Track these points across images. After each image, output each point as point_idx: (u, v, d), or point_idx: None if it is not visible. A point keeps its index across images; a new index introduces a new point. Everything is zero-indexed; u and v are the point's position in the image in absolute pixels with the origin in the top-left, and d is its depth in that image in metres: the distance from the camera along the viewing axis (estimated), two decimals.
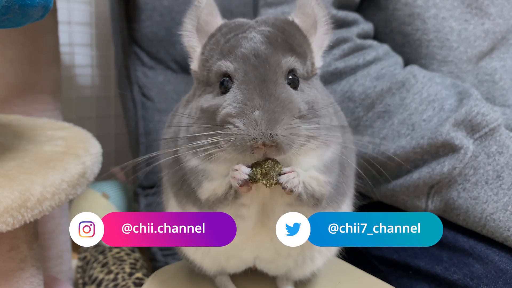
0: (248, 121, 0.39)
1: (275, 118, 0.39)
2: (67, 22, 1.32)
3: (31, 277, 0.66)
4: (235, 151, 0.40)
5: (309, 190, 0.44)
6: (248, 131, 0.39)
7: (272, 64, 0.42)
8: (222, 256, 0.56)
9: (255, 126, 0.39)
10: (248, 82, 0.41)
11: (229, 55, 0.43)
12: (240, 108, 0.40)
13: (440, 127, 0.67)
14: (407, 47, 0.81)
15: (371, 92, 0.74)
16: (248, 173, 0.41)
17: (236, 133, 0.40)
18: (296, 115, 0.41)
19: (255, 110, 0.39)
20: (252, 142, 0.39)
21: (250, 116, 0.39)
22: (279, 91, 0.41)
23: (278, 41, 0.44)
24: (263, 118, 0.39)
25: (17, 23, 0.54)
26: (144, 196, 1.13)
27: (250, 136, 0.39)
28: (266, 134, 0.39)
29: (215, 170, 0.45)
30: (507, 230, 0.63)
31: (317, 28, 0.49)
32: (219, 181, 0.45)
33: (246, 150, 0.40)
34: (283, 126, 0.40)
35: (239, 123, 0.40)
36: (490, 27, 0.79)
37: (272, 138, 0.39)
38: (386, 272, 0.77)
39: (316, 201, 0.45)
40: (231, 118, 0.40)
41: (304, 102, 0.43)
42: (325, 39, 0.50)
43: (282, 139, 0.39)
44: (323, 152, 0.45)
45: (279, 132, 0.39)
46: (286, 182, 0.41)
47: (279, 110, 0.40)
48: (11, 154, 0.65)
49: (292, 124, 0.40)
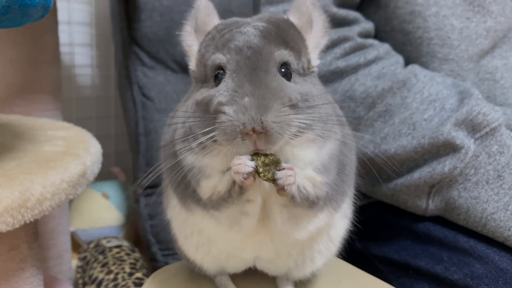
0: (237, 107, 0.39)
1: (264, 104, 0.39)
2: (67, 22, 1.32)
3: (31, 277, 0.66)
4: (226, 140, 0.40)
5: (303, 193, 0.44)
6: (238, 117, 0.39)
7: (264, 55, 0.42)
8: (222, 256, 0.56)
9: (244, 111, 0.38)
10: (239, 71, 0.41)
11: (223, 48, 0.43)
12: (230, 96, 0.40)
13: (441, 127, 0.67)
14: (408, 45, 0.81)
15: (372, 91, 0.74)
16: (252, 165, 0.40)
17: (226, 121, 0.39)
18: (287, 104, 0.40)
19: (244, 96, 0.39)
20: (241, 127, 0.38)
21: (239, 102, 0.39)
22: (270, 79, 0.41)
23: (272, 35, 0.44)
24: (253, 104, 0.39)
25: (17, 23, 0.53)
26: (144, 196, 1.13)
27: (240, 121, 0.38)
28: (256, 119, 0.38)
29: (210, 165, 0.44)
30: (507, 230, 0.63)
31: (312, 26, 0.49)
32: (217, 178, 0.44)
33: (236, 136, 0.39)
34: (273, 113, 0.39)
35: (229, 110, 0.39)
36: (491, 25, 0.79)
37: (262, 124, 0.38)
38: (386, 272, 0.77)
39: (311, 203, 0.45)
40: (222, 106, 0.40)
41: (296, 92, 0.42)
42: (322, 39, 0.49)
43: (273, 125, 0.39)
44: (321, 145, 0.44)
45: (269, 119, 0.39)
46: (281, 179, 0.40)
47: (269, 97, 0.39)
48: (11, 154, 0.65)
49: (283, 111, 0.40)
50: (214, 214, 0.47)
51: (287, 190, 0.41)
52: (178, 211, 0.55)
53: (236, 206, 0.45)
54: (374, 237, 0.81)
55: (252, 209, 0.45)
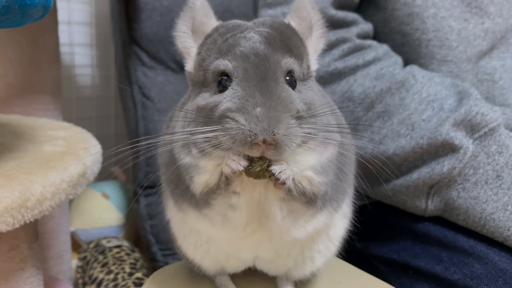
0: (249, 116, 0.39)
1: (277, 116, 0.39)
2: (67, 22, 1.32)
3: (31, 277, 0.66)
4: (234, 145, 0.40)
5: (299, 187, 0.44)
6: (250, 126, 0.39)
7: (272, 63, 0.42)
8: (222, 256, 0.56)
9: (256, 122, 0.39)
10: (249, 80, 0.41)
11: (228, 54, 0.43)
12: (241, 104, 0.40)
13: (440, 127, 0.67)
14: (407, 46, 0.81)
15: (370, 92, 0.75)
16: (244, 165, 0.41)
17: (236, 127, 0.39)
18: (295, 116, 0.41)
19: (256, 106, 0.39)
20: (253, 138, 0.39)
21: (252, 112, 0.39)
22: (280, 90, 0.41)
23: (277, 42, 0.44)
24: (265, 115, 0.39)
25: (17, 23, 0.54)
26: (144, 196, 1.13)
27: (252, 132, 0.39)
28: (268, 131, 0.39)
29: (207, 165, 0.45)
30: (507, 230, 0.63)
31: (312, 31, 0.49)
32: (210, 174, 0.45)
33: (245, 144, 0.39)
34: (284, 125, 0.40)
35: (240, 118, 0.39)
36: (489, 26, 0.79)
37: (274, 136, 0.39)
38: (386, 272, 0.77)
39: (309, 199, 0.45)
40: (231, 113, 0.40)
41: (302, 102, 0.43)
42: (320, 42, 0.50)
43: (283, 138, 0.39)
44: (321, 152, 0.45)
45: (281, 132, 0.39)
46: (279, 173, 0.41)
47: (280, 109, 0.40)
48: (11, 154, 0.65)
49: (292, 124, 0.40)
50: (206, 212, 0.47)
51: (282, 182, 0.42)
52: (175, 210, 0.55)
53: (223, 198, 0.45)
54: (374, 237, 0.81)
55: (238, 202, 0.46)
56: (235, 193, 0.45)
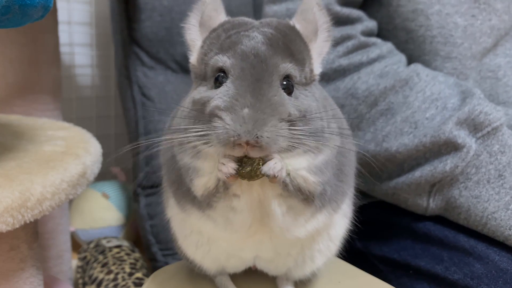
0: (235, 116, 0.39)
1: (263, 119, 0.39)
2: (67, 22, 1.32)
3: (31, 277, 0.66)
4: (217, 144, 0.40)
5: (294, 183, 0.44)
6: (234, 126, 0.39)
7: (270, 66, 0.42)
8: (222, 255, 0.56)
9: (241, 123, 0.39)
10: (243, 79, 0.41)
11: (228, 51, 0.43)
12: (230, 103, 0.40)
13: (443, 126, 0.67)
14: (411, 43, 0.81)
15: (374, 89, 0.75)
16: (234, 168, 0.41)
17: (221, 127, 0.39)
18: (286, 119, 0.41)
19: (244, 107, 0.39)
20: (235, 138, 0.39)
21: (238, 112, 0.39)
22: (272, 93, 0.41)
23: (279, 45, 0.43)
24: (252, 117, 0.39)
25: (17, 23, 0.53)
26: (144, 196, 1.13)
27: (235, 132, 0.39)
28: (252, 133, 0.39)
29: (203, 166, 0.45)
30: (508, 229, 0.63)
31: (317, 35, 0.48)
32: (208, 177, 0.45)
33: (228, 144, 0.39)
34: (270, 128, 0.39)
35: (226, 117, 0.39)
36: (496, 23, 0.79)
37: (257, 139, 0.39)
38: (386, 272, 0.77)
39: (305, 196, 0.45)
40: (219, 111, 0.40)
41: (295, 108, 0.42)
42: (325, 46, 0.49)
43: (267, 141, 0.39)
44: (314, 156, 0.44)
45: (265, 135, 0.39)
46: (269, 169, 0.41)
47: (268, 112, 0.40)
48: (11, 154, 0.65)
49: (279, 126, 0.40)
50: (209, 213, 0.47)
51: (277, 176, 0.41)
52: (177, 210, 0.55)
53: (224, 201, 0.46)
54: (374, 237, 0.81)
55: (238, 204, 0.46)
56: (236, 195, 0.45)
